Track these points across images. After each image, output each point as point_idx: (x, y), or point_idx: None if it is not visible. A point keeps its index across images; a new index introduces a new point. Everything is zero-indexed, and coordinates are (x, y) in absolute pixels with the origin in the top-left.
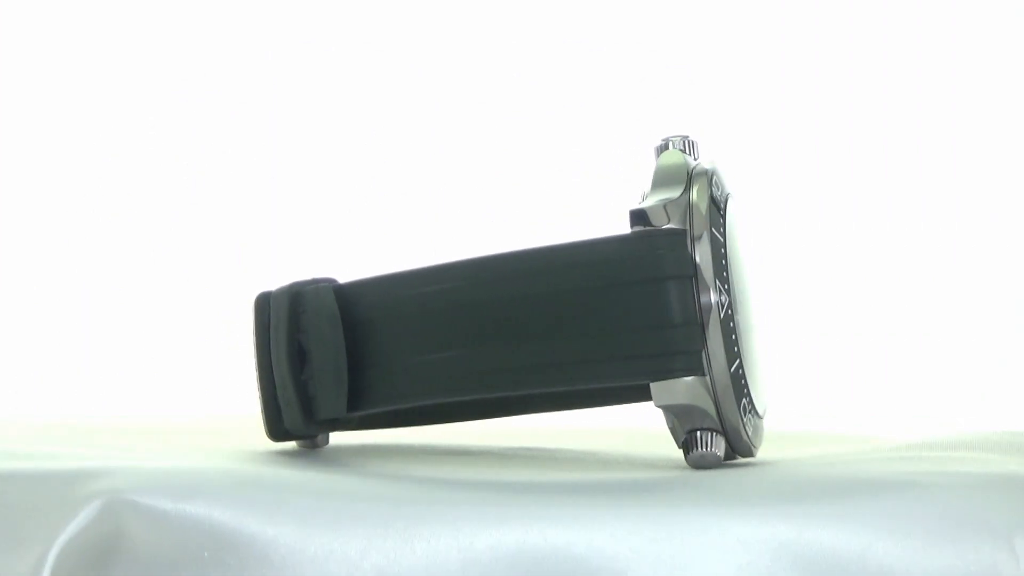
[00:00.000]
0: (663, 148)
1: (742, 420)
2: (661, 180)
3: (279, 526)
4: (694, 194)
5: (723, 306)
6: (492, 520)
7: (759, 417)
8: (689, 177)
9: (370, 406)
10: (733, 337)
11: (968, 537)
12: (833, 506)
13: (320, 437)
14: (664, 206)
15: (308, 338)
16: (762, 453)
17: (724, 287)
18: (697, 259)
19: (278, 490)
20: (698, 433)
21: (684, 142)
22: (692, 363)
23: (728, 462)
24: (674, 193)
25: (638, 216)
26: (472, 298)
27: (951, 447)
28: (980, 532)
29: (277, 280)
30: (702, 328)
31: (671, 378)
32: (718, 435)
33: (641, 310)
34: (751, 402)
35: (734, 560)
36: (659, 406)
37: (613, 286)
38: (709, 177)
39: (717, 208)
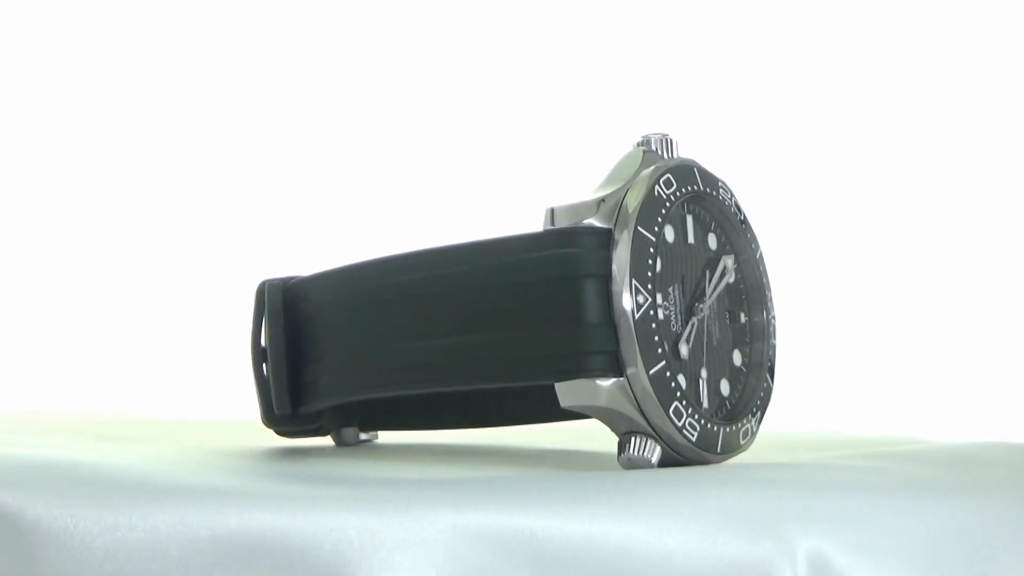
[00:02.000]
0: (640, 145)
1: (675, 425)
2: (610, 178)
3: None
4: (627, 193)
5: (640, 307)
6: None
7: (730, 422)
8: (634, 176)
9: (314, 403)
10: (656, 339)
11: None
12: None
13: (345, 432)
14: (595, 204)
15: (266, 337)
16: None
17: (646, 288)
18: (614, 258)
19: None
20: (632, 437)
21: (663, 140)
22: (602, 364)
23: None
24: (609, 191)
25: (552, 213)
26: (395, 294)
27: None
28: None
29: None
30: (615, 329)
31: (577, 379)
32: (651, 439)
33: (550, 309)
34: (698, 407)
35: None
36: (564, 407)
37: (524, 284)
38: (655, 177)
39: (662, 208)
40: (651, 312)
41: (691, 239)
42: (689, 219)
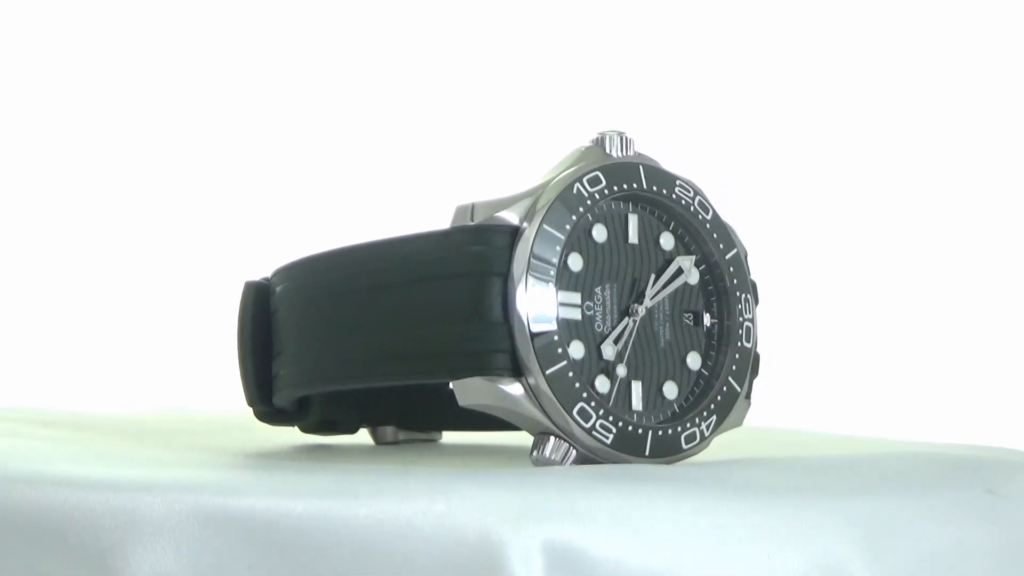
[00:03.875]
0: (594, 141)
1: (581, 426)
2: (544, 175)
3: None
4: (543, 192)
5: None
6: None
7: (673, 426)
8: (559, 173)
9: (279, 396)
10: (555, 338)
11: None
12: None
13: (381, 430)
14: (512, 200)
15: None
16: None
17: (546, 287)
18: (515, 256)
19: None
20: (544, 437)
21: (616, 137)
22: (501, 364)
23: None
24: (531, 187)
25: (472, 209)
26: (330, 290)
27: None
28: None
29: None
30: (510, 328)
31: (474, 377)
32: (561, 440)
33: (454, 307)
34: (621, 409)
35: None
36: (463, 406)
37: (432, 281)
38: (578, 175)
39: (579, 205)
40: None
41: (633, 239)
42: (633, 218)
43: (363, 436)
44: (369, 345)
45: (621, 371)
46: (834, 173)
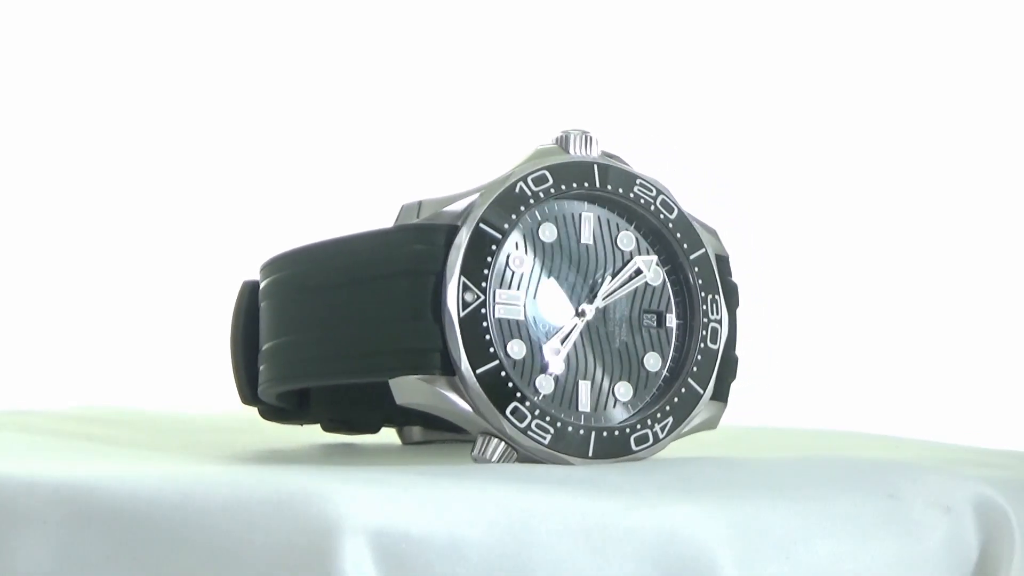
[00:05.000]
0: (556, 141)
1: (515, 426)
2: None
3: None
4: (483, 191)
5: (468, 305)
6: None
7: (623, 427)
8: (509, 172)
9: (260, 393)
10: (487, 338)
11: None
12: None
13: (406, 430)
14: (455, 198)
15: None
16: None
17: (478, 286)
18: (449, 255)
19: None
20: (483, 435)
21: (577, 136)
22: (434, 363)
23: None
24: (477, 186)
25: (419, 207)
26: (289, 287)
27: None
28: None
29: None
30: (442, 328)
31: (408, 376)
32: (498, 439)
33: (391, 305)
34: (561, 409)
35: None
36: (400, 404)
37: (372, 279)
38: (523, 174)
39: (520, 204)
40: (482, 311)
41: (587, 239)
42: (588, 218)
43: (390, 436)
44: (320, 343)
45: (565, 371)
46: (831, 173)
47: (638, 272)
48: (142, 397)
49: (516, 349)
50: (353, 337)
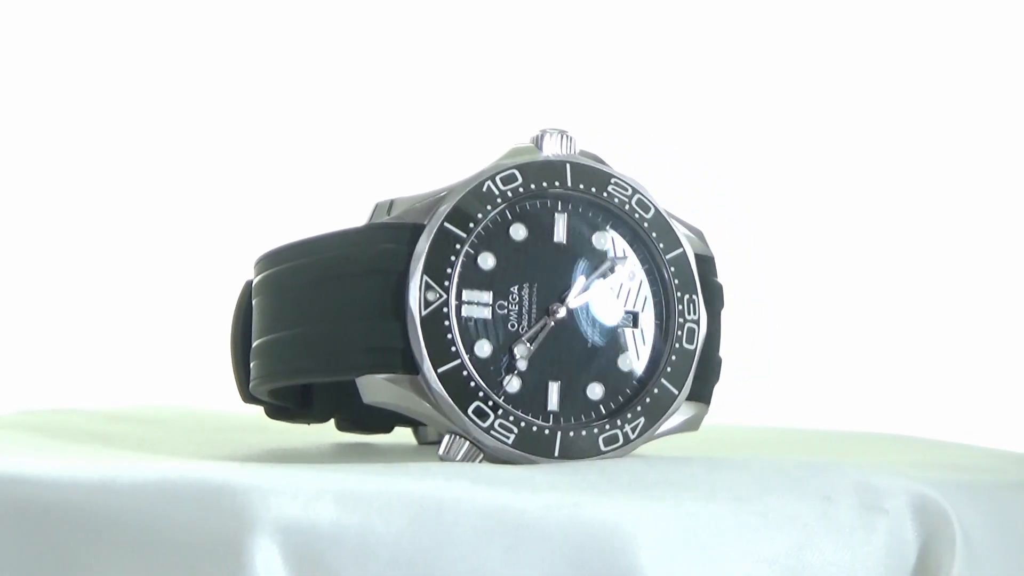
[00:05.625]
0: (534, 140)
1: (478, 426)
2: None
3: None
4: (453, 189)
5: (430, 304)
6: None
7: (592, 427)
8: (478, 173)
9: (252, 391)
10: (449, 337)
11: None
12: None
13: (422, 430)
14: (424, 197)
15: None
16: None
17: (441, 285)
18: (413, 254)
19: None
20: (449, 435)
21: (554, 135)
22: (396, 361)
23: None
24: (448, 185)
25: (390, 205)
26: (270, 286)
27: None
28: None
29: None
30: (404, 326)
31: (372, 375)
32: (460, 438)
33: (356, 304)
34: (528, 409)
35: None
36: (366, 403)
37: (341, 278)
38: (492, 173)
39: (487, 204)
40: (444, 310)
41: (560, 238)
42: (561, 217)
43: (406, 436)
44: (294, 341)
45: (534, 371)
46: (832, 173)
47: (612, 271)
48: (170, 396)
49: (483, 348)
50: (322, 335)
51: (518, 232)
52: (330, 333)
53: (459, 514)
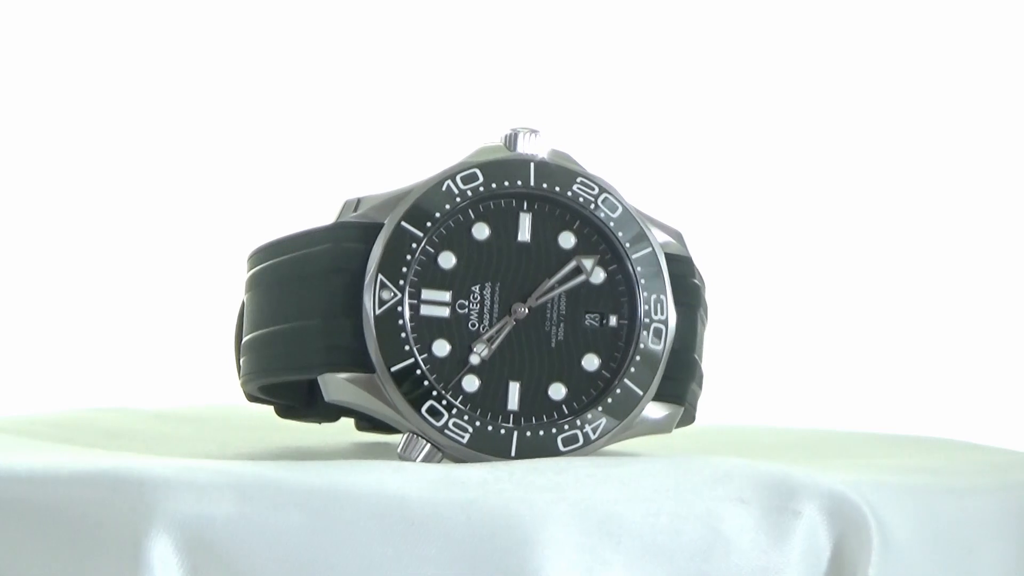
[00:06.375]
0: (505, 139)
1: (432, 425)
2: None
3: None
4: (414, 188)
5: (384, 303)
6: None
7: (551, 427)
8: (440, 172)
9: (242, 389)
10: (404, 336)
11: None
12: None
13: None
14: (386, 196)
15: None
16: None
17: (396, 284)
18: (371, 254)
19: None
20: (408, 434)
21: (523, 133)
22: (352, 361)
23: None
24: (412, 184)
25: (357, 203)
26: (250, 284)
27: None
28: None
29: None
30: (358, 325)
31: (331, 374)
32: (419, 438)
33: (317, 303)
34: (487, 408)
35: None
36: (328, 401)
37: (307, 277)
38: (453, 172)
39: (446, 203)
40: (399, 308)
41: (524, 237)
42: (525, 216)
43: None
44: (265, 340)
45: (494, 370)
46: (830, 174)
47: (577, 271)
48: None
49: (441, 348)
50: (287, 334)
51: (481, 231)
52: (294, 331)
53: (353, 502)
